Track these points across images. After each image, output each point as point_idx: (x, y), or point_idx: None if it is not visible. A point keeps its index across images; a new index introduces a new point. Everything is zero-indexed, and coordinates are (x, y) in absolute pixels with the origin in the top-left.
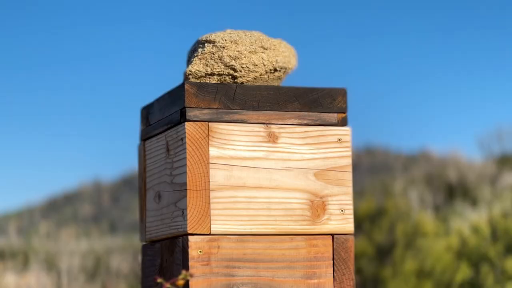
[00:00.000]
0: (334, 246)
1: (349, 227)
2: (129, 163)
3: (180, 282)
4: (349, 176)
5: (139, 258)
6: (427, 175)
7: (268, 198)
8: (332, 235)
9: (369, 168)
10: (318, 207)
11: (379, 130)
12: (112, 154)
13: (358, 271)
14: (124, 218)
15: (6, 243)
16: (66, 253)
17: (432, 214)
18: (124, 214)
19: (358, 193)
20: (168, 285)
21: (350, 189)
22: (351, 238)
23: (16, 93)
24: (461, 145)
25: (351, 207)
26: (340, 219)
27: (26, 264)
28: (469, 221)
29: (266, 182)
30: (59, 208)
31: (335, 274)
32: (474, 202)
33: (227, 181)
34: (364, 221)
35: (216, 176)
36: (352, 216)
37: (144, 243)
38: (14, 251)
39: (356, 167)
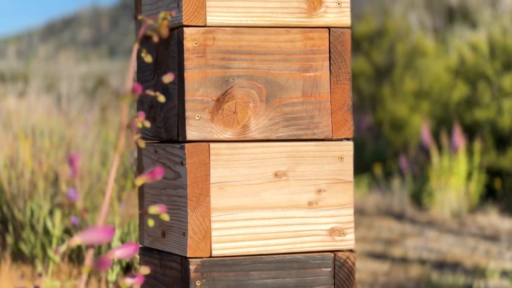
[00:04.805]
0: (331, 39)
1: (346, 20)
2: None
3: (164, 23)
4: None
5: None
6: None
7: None
8: (329, 28)
9: None
10: None
11: None
12: None
13: (357, 91)
14: (123, 42)
15: (6, 66)
16: (65, 75)
17: (432, 37)
18: (123, 38)
19: (357, 16)
20: (150, 21)
21: None
22: (348, 31)
23: None
24: None
25: (348, 0)
26: (337, 12)
27: (26, 87)
28: (468, 41)
29: None
30: (58, 32)
31: (331, 68)
32: (474, 25)
33: None
34: (363, 42)
35: None
36: (349, 10)
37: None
38: (14, 74)
39: None
